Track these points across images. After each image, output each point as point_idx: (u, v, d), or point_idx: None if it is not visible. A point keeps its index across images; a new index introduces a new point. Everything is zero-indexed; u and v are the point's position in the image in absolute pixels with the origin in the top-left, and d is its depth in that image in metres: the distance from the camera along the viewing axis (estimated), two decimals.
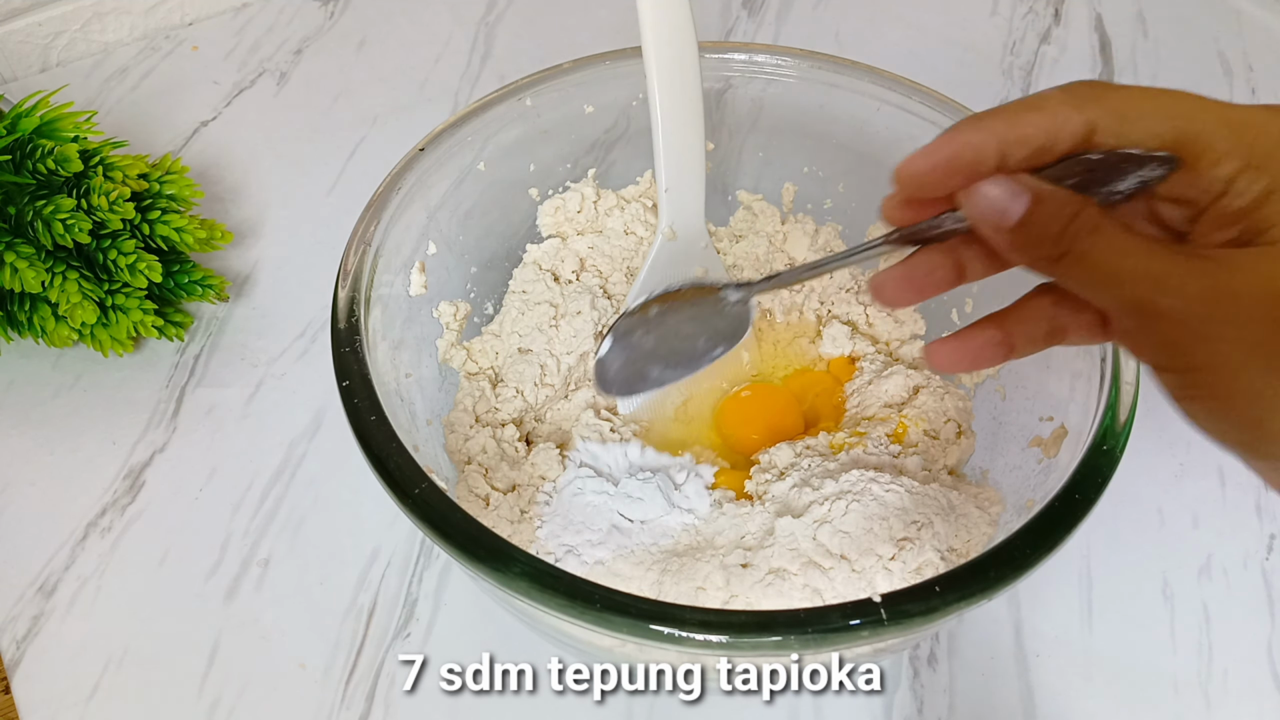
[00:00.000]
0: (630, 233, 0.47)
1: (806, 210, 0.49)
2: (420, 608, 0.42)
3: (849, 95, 0.44)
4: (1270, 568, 0.43)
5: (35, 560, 0.43)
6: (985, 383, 0.43)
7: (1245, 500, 0.45)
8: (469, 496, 0.39)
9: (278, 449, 0.47)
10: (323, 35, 0.67)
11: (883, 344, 0.47)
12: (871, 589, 0.36)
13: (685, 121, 0.41)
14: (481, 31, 0.68)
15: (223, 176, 0.58)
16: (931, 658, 0.40)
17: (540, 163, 0.46)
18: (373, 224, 0.38)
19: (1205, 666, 0.40)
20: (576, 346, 0.44)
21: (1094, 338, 0.27)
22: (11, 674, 0.40)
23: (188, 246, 0.48)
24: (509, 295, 0.46)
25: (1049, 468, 0.35)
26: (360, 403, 0.33)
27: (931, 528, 0.36)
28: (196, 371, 0.50)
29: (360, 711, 0.39)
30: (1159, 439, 0.47)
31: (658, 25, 0.38)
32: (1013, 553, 0.29)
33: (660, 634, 0.27)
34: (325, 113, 0.62)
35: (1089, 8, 0.70)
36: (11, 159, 0.45)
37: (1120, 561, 0.43)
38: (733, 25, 0.68)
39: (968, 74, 0.65)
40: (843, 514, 0.37)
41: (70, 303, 0.45)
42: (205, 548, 0.43)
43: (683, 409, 0.46)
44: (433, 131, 0.41)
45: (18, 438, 0.47)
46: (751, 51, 0.45)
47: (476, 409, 0.42)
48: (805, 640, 0.27)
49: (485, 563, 0.29)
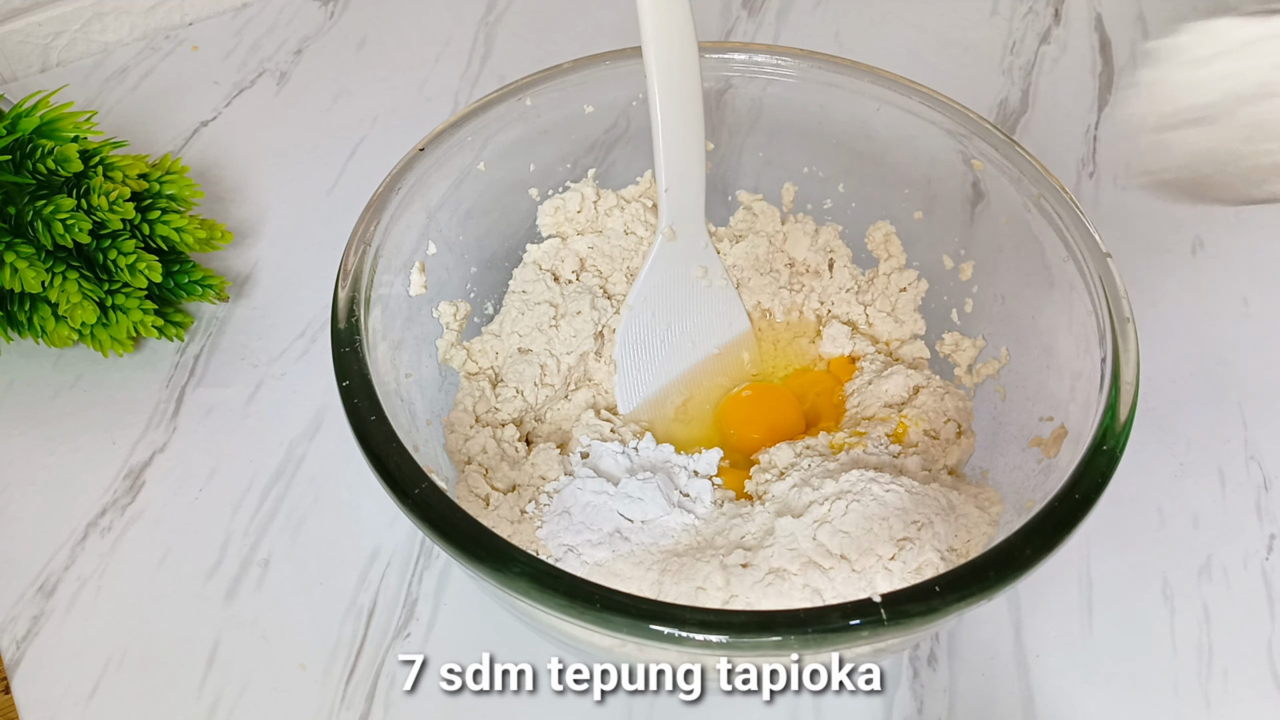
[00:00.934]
0: (630, 233, 0.47)
1: (806, 210, 0.49)
2: (420, 608, 0.42)
3: (849, 95, 0.44)
4: (1270, 568, 0.43)
5: (35, 560, 0.43)
6: (985, 383, 0.43)
7: (1245, 500, 0.45)
8: (469, 496, 0.39)
9: (278, 449, 0.47)
10: (323, 35, 0.67)
11: (883, 344, 0.47)
12: (871, 589, 0.36)
13: (685, 121, 0.41)
14: (481, 31, 0.68)
15: (223, 176, 0.58)
16: (931, 658, 0.40)
17: (540, 163, 0.46)
18: (373, 224, 0.38)
19: (1205, 666, 0.40)
20: (576, 346, 0.44)
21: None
22: (11, 674, 0.40)
23: (188, 246, 0.48)
24: (509, 295, 0.46)
25: (1049, 468, 0.35)
26: (360, 403, 0.33)
27: (931, 528, 0.37)
28: (196, 371, 0.50)
29: (360, 711, 0.39)
30: (1159, 439, 0.47)
31: (658, 25, 0.38)
32: (1013, 553, 0.29)
33: (660, 634, 0.27)
34: (325, 113, 0.62)
35: (1089, 8, 0.70)
36: (11, 159, 0.45)
37: (1120, 561, 0.43)
38: (733, 25, 0.68)
39: (968, 74, 0.65)
40: (843, 514, 0.37)
41: (70, 303, 0.45)
42: (205, 548, 0.43)
43: (683, 409, 0.46)
44: (433, 131, 0.41)
45: (18, 438, 0.47)
46: (751, 51, 0.45)
47: (476, 409, 0.42)
48: (805, 640, 0.27)
49: (485, 563, 0.29)
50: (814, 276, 0.48)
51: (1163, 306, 0.52)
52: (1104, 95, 0.64)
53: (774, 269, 0.48)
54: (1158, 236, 0.56)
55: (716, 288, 0.46)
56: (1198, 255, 0.55)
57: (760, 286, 0.48)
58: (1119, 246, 0.54)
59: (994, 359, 0.42)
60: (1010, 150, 0.41)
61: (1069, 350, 0.37)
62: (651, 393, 0.45)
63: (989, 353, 0.43)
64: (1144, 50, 0.67)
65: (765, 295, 0.48)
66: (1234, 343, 0.51)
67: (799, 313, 0.48)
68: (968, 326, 0.44)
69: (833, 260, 0.48)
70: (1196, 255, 0.55)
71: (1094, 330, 0.35)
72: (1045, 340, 0.39)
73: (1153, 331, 0.51)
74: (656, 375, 0.46)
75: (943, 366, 0.45)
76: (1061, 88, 0.64)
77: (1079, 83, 0.65)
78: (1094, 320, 0.35)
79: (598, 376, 0.45)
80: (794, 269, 0.48)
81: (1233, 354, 0.50)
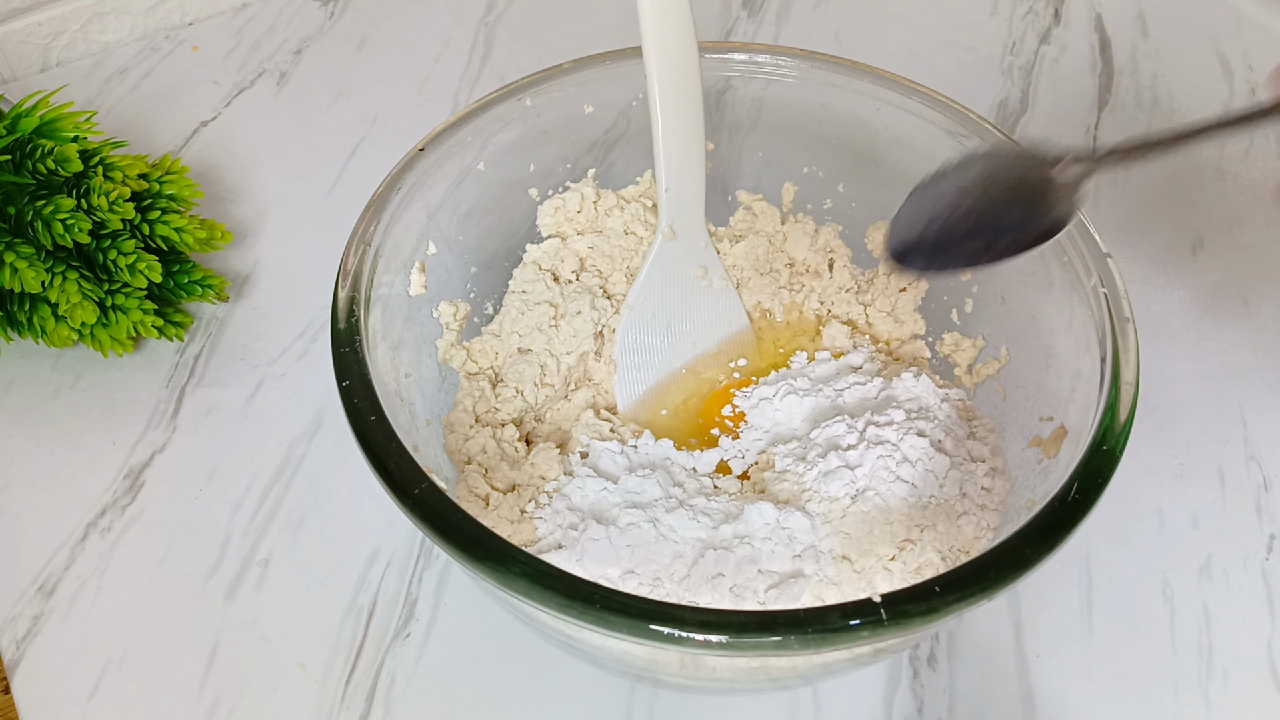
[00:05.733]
0: (630, 233, 0.47)
1: (806, 210, 0.49)
2: (420, 608, 0.42)
3: (849, 95, 0.44)
4: (1270, 568, 0.43)
5: (35, 560, 0.43)
6: (985, 383, 0.43)
7: (1245, 500, 0.45)
8: (469, 496, 0.39)
9: (278, 449, 0.47)
10: (323, 35, 0.67)
11: (883, 344, 0.47)
12: (871, 589, 0.36)
13: (685, 121, 0.41)
14: (481, 31, 0.68)
15: (223, 176, 0.58)
16: (931, 658, 0.40)
17: (540, 163, 0.46)
18: (372, 224, 0.38)
19: (1205, 666, 0.40)
20: (576, 346, 0.44)
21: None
22: (11, 674, 0.40)
23: (188, 246, 0.48)
24: (509, 295, 0.46)
25: (1049, 468, 0.35)
26: (360, 403, 0.33)
27: (933, 529, 0.37)
28: (196, 371, 0.50)
29: (360, 711, 0.39)
30: (1159, 439, 0.47)
31: (658, 25, 0.38)
32: (1013, 553, 0.29)
33: (660, 634, 0.27)
34: (325, 113, 0.62)
35: (1089, 8, 0.70)
36: (11, 159, 0.45)
37: (1120, 561, 0.43)
38: (733, 25, 0.68)
39: (968, 74, 0.65)
40: (841, 515, 0.37)
41: (70, 303, 0.45)
42: (205, 548, 0.43)
43: (683, 408, 0.46)
44: (433, 131, 0.41)
45: (18, 438, 0.47)
46: (751, 51, 0.45)
47: (476, 409, 0.42)
48: (805, 640, 0.27)
49: (485, 563, 0.29)
50: (814, 276, 0.48)
51: (1163, 306, 0.52)
52: (1104, 95, 0.64)
53: (774, 269, 0.48)
54: (1158, 236, 0.56)
55: (716, 288, 0.46)
56: (1198, 255, 0.55)
57: (760, 286, 0.48)
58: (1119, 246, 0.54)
59: (994, 359, 0.42)
60: None
61: (1069, 350, 0.37)
62: (651, 392, 0.45)
63: (989, 353, 0.43)
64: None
65: (765, 295, 0.48)
66: (1234, 343, 0.51)
67: (799, 312, 0.48)
68: (968, 326, 0.44)
69: (833, 260, 0.48)
70: (1196, 255, 0.55)
71: (1094, 330, 0.35)
72: (1045, 340, 0.39)
73: (1153, 331, 0.51)
74: (656, 375, 0.46)
75: (943, 366, 0.45)
76: (1061, 88, 0.64)
77: (1079, 83, 0.65)
78: (1094, 320, 0.35)
79: (597, 376, 0.45)
80: (794, 269, 0.48)
81: (1233, 354, 0.50)
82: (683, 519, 0.38)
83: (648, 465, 0.41)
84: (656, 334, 0.45)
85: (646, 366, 0.45)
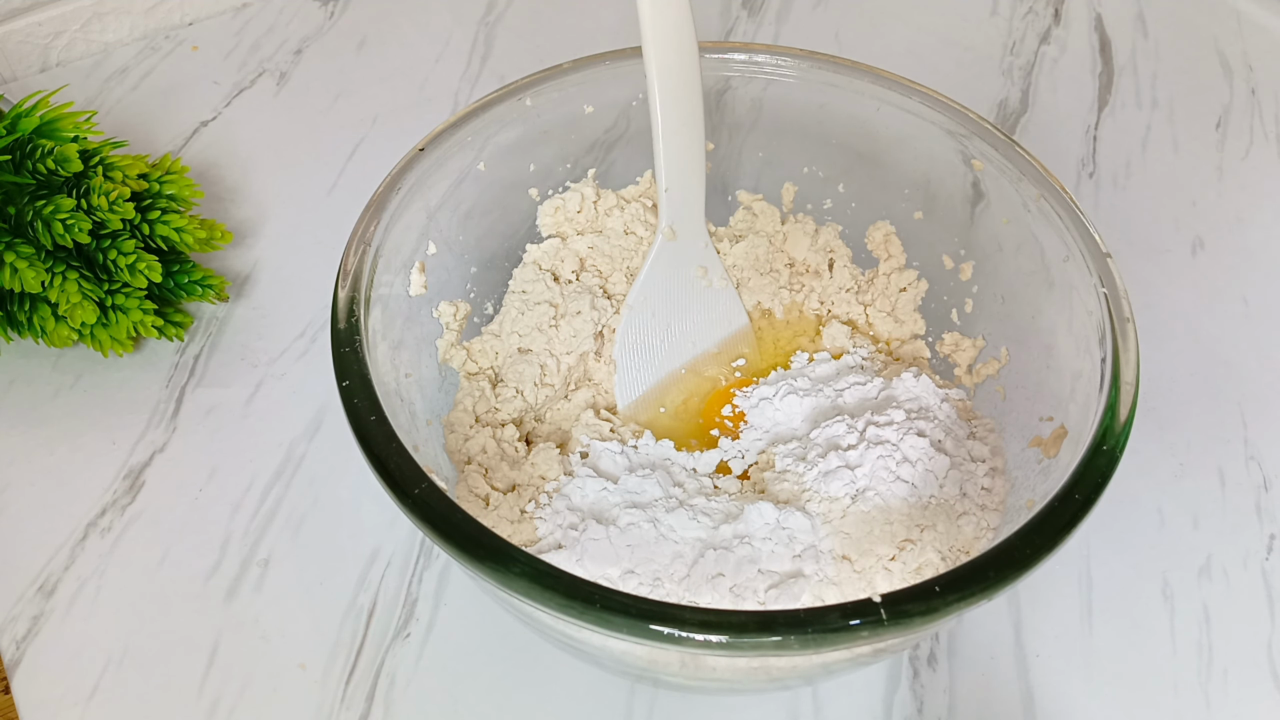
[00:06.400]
0: (630, 233, 0.47)
1: (806, 210, 0.49)
2: (420, 608, 0.42)
3: (849, 95, 0.44)
4: (1270, 568, 0.43)
5: (35, 560, 0.43)
6: (985, 383, 0.43)
7: (1245, 500, 0.45)
8: (469, 496, 0.39)
9: (278, 449, 0.47)
10: (323, 35, 0.67)
11: (883, 344, 0.47)
12: (871, 589, 0.36)
13: (685, 121, 0.41)
14: (481, 31, 0.68)
15: (223, 176, 0.58)
16: (931, 658, 0.40)
17: (540, 163, 0.46)
18: (372, 224, 0.38)
19: (1205, 666, 0.40)
20: (576, 346, 0.44)
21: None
22: (11, 674, 0.40)
23: (188, 246, 0.48)
24: (509, 295, 0.46)
25: (1049, 468, 0.35)
26: (360, 403, 0.33)
27: (933, 529, 0.37)
28: (196, 371, 0.50)
29: (360, 711, 0.39)
30: (1159, 439, 0.47)
31: (658, 25, 0.38)
32: (1013, 553, 0.29)
33: (660, 634, 0.27)
34: (325, 113, 0.62)
35: (1089, 8, 0.70)
36: (11, 159, 0.45)
37: (1120, 561, 0.43)
38: (733, 25, 0.68)
39: (968, 74, 0.65)
40: (841, 515, 0.37)
41: (70, 303, 0.45)
42: (205, 548, 0.43)
43: (683, 408, 0.46)
44: (433, 131, 0.41)
45: (18, 438, 0.47)
46: (751, 51, 0.45)
47: (476, 409, 0.42)
48: (805, 640, 0.27)
49: (485, 563, 0.29)
50: (814, 276, 0.48)
51: (1163, 306, 0.52)
52: (1104, 95, 0.64)
53: (774, 269, 0.48)
54: (1158, 236, 0.56)
55: (716, 288, 0.46)
56: (1198, 255, 0.55)
57: (760, 286, 0.48)
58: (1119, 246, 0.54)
59: (994, 359, 0.42)
60: (1010, 150, 0.41)
61: (1069, 350, 0.37)
62: (651, 392, 0.45)
63: (989, 353, 0.43)
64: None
65: (765, 295, 0.48)
66: (1234, 343, 0.51)
67: (799, 312, 0.48)
68: (968, 326, 0.44)
69: (833, 260, 0.48)
70: (1196, 255, 0.55)
71: (1094, 330, 0.35)
72: (1045, 340, 0.39)
73: (1153, 331, 0.51)
74: (656, 375, 0.46)
75: (943, 366, 0.45)
76: (1061, 88, 0.64)
77: (1079, 83, 0.65)
78: (1094, 320, 0.35)
79: (597, 376, 0.45)
80: (794, 269, 0.48)
81: (1233, 354, 0.50)
82: (683, 519, 0.38)
83: (648, 465, 0.41)
84: (656, 334, 0.45)
85: (646, 366, 0.45)
